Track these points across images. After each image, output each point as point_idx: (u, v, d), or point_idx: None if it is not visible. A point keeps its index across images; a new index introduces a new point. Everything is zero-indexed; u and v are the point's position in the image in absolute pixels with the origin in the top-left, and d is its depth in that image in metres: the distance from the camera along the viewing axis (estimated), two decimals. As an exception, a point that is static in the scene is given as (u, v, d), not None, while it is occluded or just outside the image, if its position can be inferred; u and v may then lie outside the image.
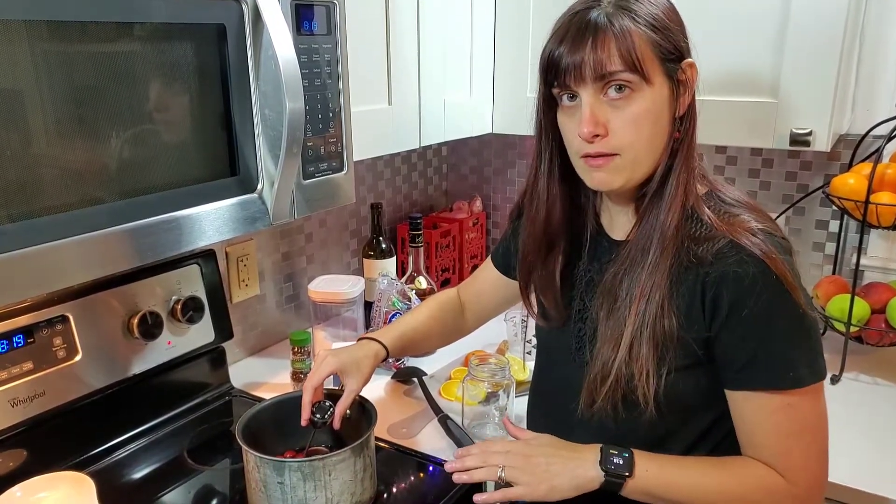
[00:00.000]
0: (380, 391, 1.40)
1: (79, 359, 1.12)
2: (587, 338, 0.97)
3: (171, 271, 1.25)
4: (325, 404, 1.03)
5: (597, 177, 0.89)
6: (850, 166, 1.50)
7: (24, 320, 1.05)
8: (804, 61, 1.23)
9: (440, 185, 2.11)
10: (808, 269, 1.66)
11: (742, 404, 0.87)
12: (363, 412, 1.06)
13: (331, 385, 1.10)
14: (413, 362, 1.48)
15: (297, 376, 1.39)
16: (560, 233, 0.99)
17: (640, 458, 0.87)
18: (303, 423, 1.01)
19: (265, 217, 1.00)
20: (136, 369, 1.20)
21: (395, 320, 1.35)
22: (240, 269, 1.49)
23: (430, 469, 1.14)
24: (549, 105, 0.92)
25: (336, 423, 1.02)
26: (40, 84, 0.74)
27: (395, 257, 1.67)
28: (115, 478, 1.12)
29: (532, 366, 1.17)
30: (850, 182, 1.38)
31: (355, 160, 1.14)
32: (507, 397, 1.21)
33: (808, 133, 1.25)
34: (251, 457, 0.95)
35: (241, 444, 0.95)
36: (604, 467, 0.87)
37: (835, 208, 1.51)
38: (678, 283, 0.87)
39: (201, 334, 1.31)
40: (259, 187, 0.99)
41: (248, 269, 1.50)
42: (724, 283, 0.84)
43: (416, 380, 1.40)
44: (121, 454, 1.18)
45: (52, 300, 1.09)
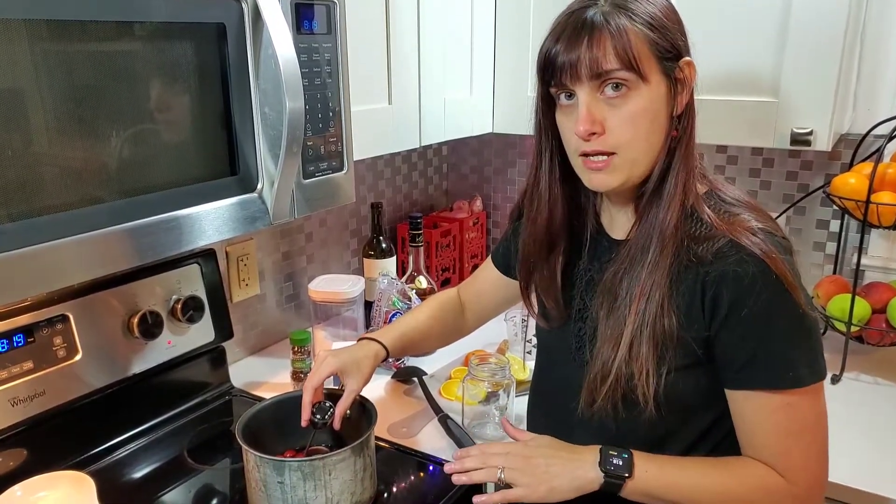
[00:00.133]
0: (380, 391, 1.40)
1: (79, 358, 1.12)
2: (587, 337, 0.97)
3: (172, 271, 1.25)
4: (326, 405, 1.03)
5: (595, 177, 0.89)
6: (850, 166, 1.50)
7: (24, 320, 1.05)
8: (805, 60, 1.23)
9: (440, 184, 2.11)
10: (809, 268, 1.66)
11: (742, 404, 0.87)
12: (363, 412, 1.05)
13: (331, 385, 1.10)
14: (413, 362, 1.48)
15: (298, 376, 1.39)
16: (561, 232, 0.99)
17: (640, 459, 0.87)
18: (303, 423, 1.01)
19: (265, 216, 1.00)
20: (137, 369, 1.20)
21: (395, 320, 1.35)
22: (240, 269, 1.49)
23: (431, 469, 1.14)
24: (547, 104, 0.92)
25: (336, 424, 1.02)
26: (40, 83, 0.73)
27: (395, 257, 1.66)
28: (116, 477, 1.12)
29: (532, 365, 1.17)
30: (851, 182, 1.38)
31: (355, 159, 1.14)
32: (508, 397, 1.21)
33: (809, 132, 1.25)
34: (251, 456, 0.95)
35: (242, 443, 0.95)
36: (603, 468, 0.87)
37: (835, 208, 1.51)
38: (678, 283, 0.87)
39: (201, 334, 1.31)
40: (259, 187, 0.99)
41: (248, 268, 1.50)
42: (724, 282, 0.84)
43: (416, 379, 1.40)
44: (121, 453, 1.18)
45: (53, 299, 1.09)
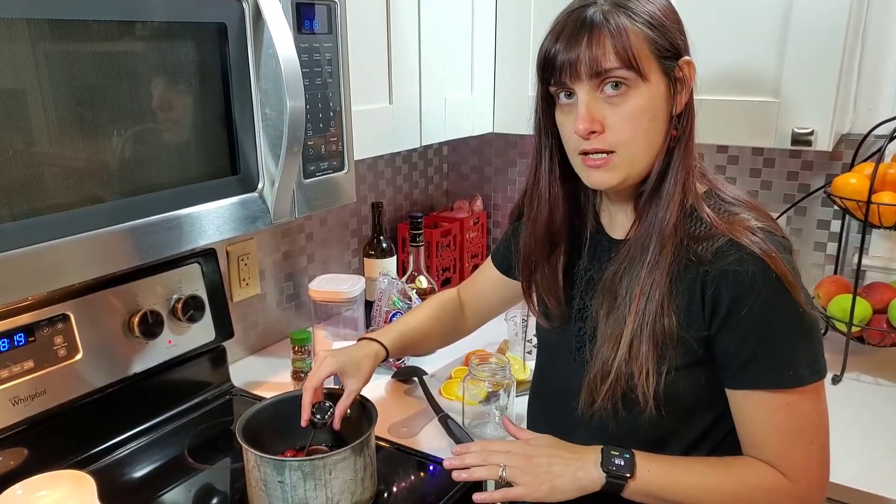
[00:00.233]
0: (380, 390, 1.40)
1: (79, 357, 1.12)
2: (587, 337, 0.97)
3: (172, 270, 1.25)
4: (325, 405, 1.03)
5: (594, 175, 0.89)
6: (851, 166, 1.50)
7: (24, 319, 1.05)
8: (806, 60, 1.23)
9: (441, 184, 2.11)
10: (810, 268, 1.66)
11: (742, 403, 0.87)
12: (363, 411, 1.06)
13: (331, 384, 1.10)
14: (414, 362, 1.48)
15: (298, 375, 1.39)
16: (562, 231, 0.99)
17: (642, 459, 0.87)
18: (303, 423, 1.01)
19: (266, 216, 1.00)
20: (137, 368, 1.20)
21: (395, 320, 1.35)
22: (240, 268, 1.49)
23: (431, 468, 1.14)
24: (547, 103, 0.92)
25: (336, 424, 1.02)
26: (42, 83, 0.74)
27: (395, 256, 1.66)
28: (116, 476, 1.12)
29: (532, 365, 1.17)
30: (852, 182, 1.38)
31: (356, 159, 1.14)
32: (508, 397, 1.21)
33: (810, 133, 1.25)
34: (251, 456, 0.95)
35: (242, 442, 0.95)
36: (605, 468, 0.86)
37: (836, 208, 1.51)
38: (678, 282, 0.87)
39: (202, 333, 1.31)
40: (260, 186, 0.99)
41: (248, 268, 1.50)
42: (724, 281, 0.84)
43: (416, 379, 1.40)
44: (121, 453, 1.18)
45: (53, 299, 1.09)
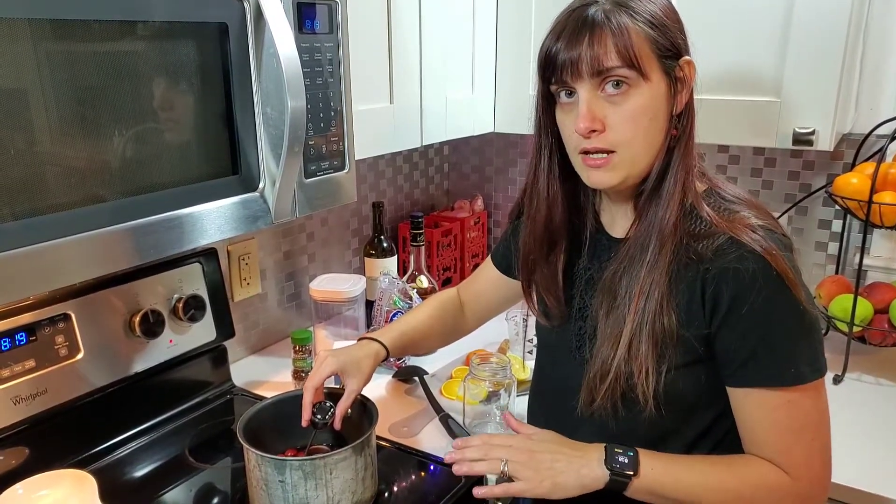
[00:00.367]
0: (381, 390, 1.40)
1: (80, 357, 1.12)
2: (587, 336, 0.97)
3: (173, 270, 1.25)
4: (326, 405, 1.03)
5: (594, 175, 0.89)
6: (853, 166, 1.49)
7: (26, 318, 1.05)
8: (807, 60, 1.23)
9: (441, 183, 2.11)
10: (811, 268, 1.66)
11: (743, 401, 0.87)
12: (364, 411, 1.05)
13: (332, 384, 1.10)
14: (414, 361, 1.48)
15: (299, 375, 1.39)
16: (561, 231, 0.99)
17: (645, 457, 0.87)
18: (303, 424, 1.01)
19: (267, 216, 1.00)
20: (138, 367, 1.20)
21: (395, 320, 1.35)
22: (241, 268, 1.49)
23: (431, 468, 1.14)
24: (548, 102, 0.92)
25: (337, 424, 1.02)
26: (43, 82, 0.74)
27: (396, 256, 1.67)
28: (117, 476, 1.12)
29: (533, 365, 1.17)
30: (854, 182, 1.38)
31: (357, 159, 1.14)
32: (509, 396, 1.21)
33: (811, 132, 1.25)
34: (252, 455, 0.95)
35: (243, 442, 0.95)
36: (609, 466, 0.86)
37: (838, 208, 1.51)
38: (677, 281, 0.87)
39: (203, 333, 1.31)
40: (261, 186, 0.99)
41: (249, 267, 1.50)
42: (724, 279, 0.84)
43: (417, 379, 1.40)
44: (122, 452, 1.18)
45: (55, 298, 1.09)
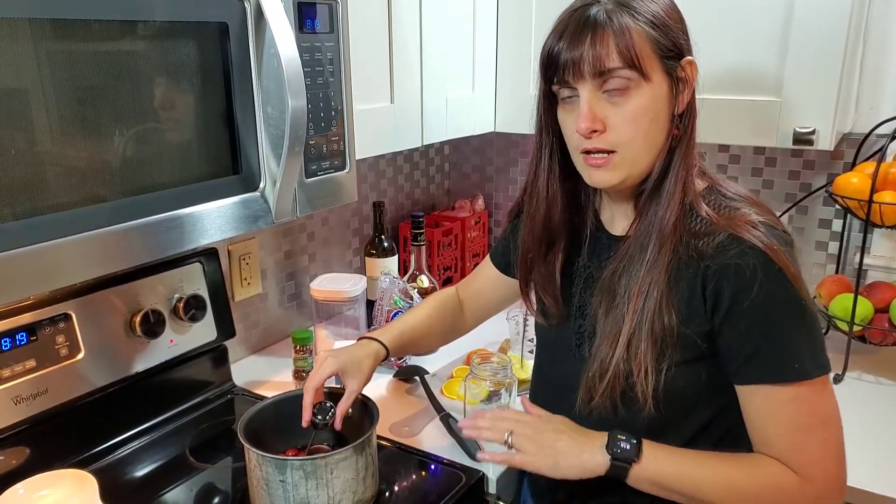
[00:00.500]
0: (381, 390, 1.40)
1: (81, 357, 1.12)
2: (587, 334, 0.97)
3: (174, 269, 1.25)
4: (326, 405, 1.03)
5: (595, 174, 0.89)
6: (853, 165, 1.49)
7: (26, 318, 1.05)
8: (807, 60, 1.23)
9: (442, 183, 2.11)
10: (811, 268, 1.66)
11: (750, 399, 0.87)
12: (365, 411, 1.06)
13: (332, 384, 1.10)
14: (415, 361, 1.48)
15: (299, 374, 1.39)
16: (560, 230, 0.99)
17: (649, 447, 0.87)
18: (304, 424, 1.01)
19: (267, 215, 1.00)
20: (139, 367, 1.20)
21: (394, 319, 1.35)
22: (242, 268, 1.49)
23: (432, 468, 1.14)
24: (549, 101, 0.92)
25: (337, 425, 1.02)
26: (44, 82, 0.74)
27: (397, 256, 1.67)
28: (118, 476, 1.12)
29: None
30: (854, 181, 1.38)
31: (357, 158, 1.14)
32: (510, 396, 1.21)
33: (812, 132, 1.25)
34: (253, 455, 0.95)
35: (243, 442, 0.95)
36: (610, 451, 0.87)
37: (838, 207, 1.51)
38: (678, 279, 0.87)
39: (203, 332, 1.31)
40: (261, 186, 0.99)
41: (250, 267, 1.50)
42: (725, 275, 0.84)
43: (417, 378, 1.40)
44: (123, 452, 1.18)
45: (55, 298, 1.09)
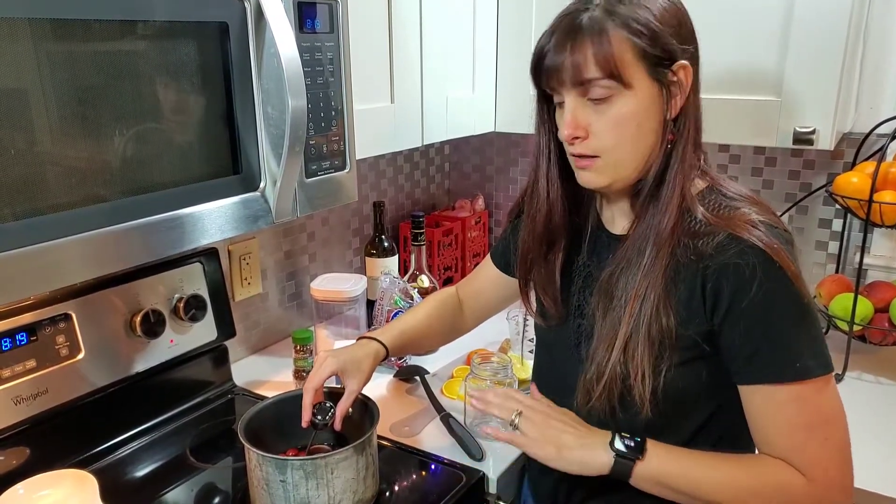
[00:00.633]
0: (382, 389, 1.40)
1: (81, 357, 1.12)
2: (586, 334, 0.97)
3: (174, 269, 1.25)
4: (326, 405, 1.03)
5: (583, 175, 0.90)
6: (853, 165, 1.49)
7: (26, 318, 1.05)
8: (807, 59, 1.23)
9: (442, 183, 2.11)
10: (811, 267, 1.66)
11: (751, 398, 0.87)
12: (365, 410, 1.05)
13: (332, 384, 1.10)
14: (415, 361, 1.48)
15: (300, 374, 1.39)
16: (561, 230, 0.99)
17: (652, 446, 0.88)
18: (304, 424, 1.01)
19: (267, 215, 1.00)
20: (139, 367, 1.20)
21: (394, 319, 1.35)
22: (242, 268, 1.49)
23: (433, 467, 1.14)
24: (547, 101, 0.92)
25: (337, 425, 1.02)
26: (44, 82, 0.74)
27: (397, 256, 1.67)
28: (118, 476, 1.12)
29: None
30: (854, 181, 1.38)
31: (358, 158, 1.14)
32: (510, 396, 1.21)
33: (812, 131, 1.25)
34: (253, 455, 0.95)
35: (244, 442, 0.95)
36: (614, 449, 0.87)
37: (838, 207, 1.51)
38: (676, 280, 0.86)
39: (204, 332, 1.31)
40: (261, 185, 0.99)
41: (250, 267, 1.50)
42: (725, 274, 0.83)
43: (418, 378, 1.40)
44: (123, 452, 1.18)
45: (55, 298, 1.09)
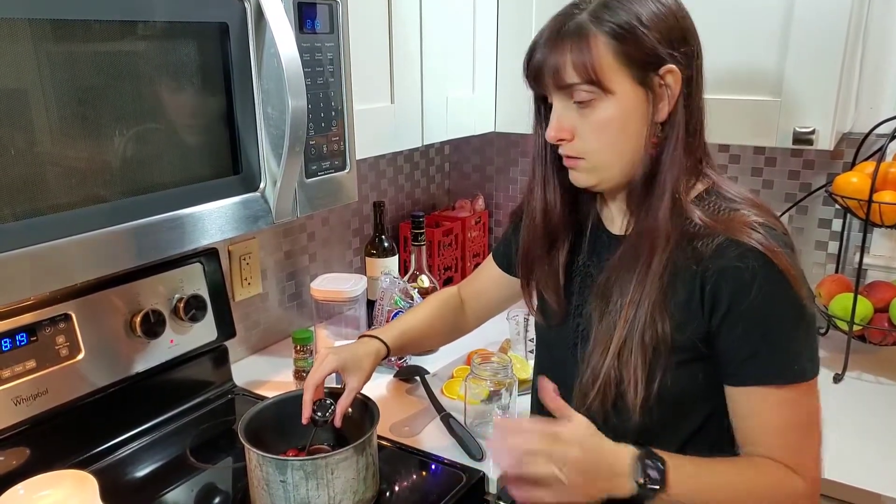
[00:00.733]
0: (382, 389, 1.40)
1: (81, 357, 1.12)
2: (584, 334, 0.97)
3: (174, 270, 1.25)
4: (327, 402, 1.03)
5: (572, 175, 0.92)
6: (853, 165, 1.49)
7: (27, 319, 1.05)
8: (807, 59, 1.23)
9: (442, 183, 2.11)
10: (811, 267, 1.66)
11: (745, 399, 0.86)
12: (365, 410, 1.06)
13: (333, 383, 1.10)
14: (415, 361, 1.48)
15: (300, 374, 1.39)
16: (561, 228, 0.99)
17: (674, 470, 0.81)
18: (304, 421, 1.02)
19: (268, 215, 1.00)
20: (139, 368, 1.20)
21: (396, 318, 1.35)
22: (242, 268, 1.49)
23: (433, 467, 1.14)
24: (544, 100, 0.92)
25: (337, 422, 1.02)
26: (44, 82, 0.74)
27: (397, 256, 1.67)
28: (118, 476, 1.12)
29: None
30: (854, 181, 1.38)
31: (358, 158, 1.14)
32: (510, 396, 1.21)
33: (812, 132, 1.25)
34: (253, 455, 0.95)
35: (244, 442, 0.95)
36: (638, 479, 0.80)
37: (838, 207, 1.51)
38: (674, 283, 0.86)
39: (204, 333, 1.31)
40: (261, 186, 0.99)
41: (250, 267, 1.50)
42: (724, 277, 0.83)
43: (418, 378, 1.40)
44: (123, 452, 1.18)
45: (55, 298, 1.09)
